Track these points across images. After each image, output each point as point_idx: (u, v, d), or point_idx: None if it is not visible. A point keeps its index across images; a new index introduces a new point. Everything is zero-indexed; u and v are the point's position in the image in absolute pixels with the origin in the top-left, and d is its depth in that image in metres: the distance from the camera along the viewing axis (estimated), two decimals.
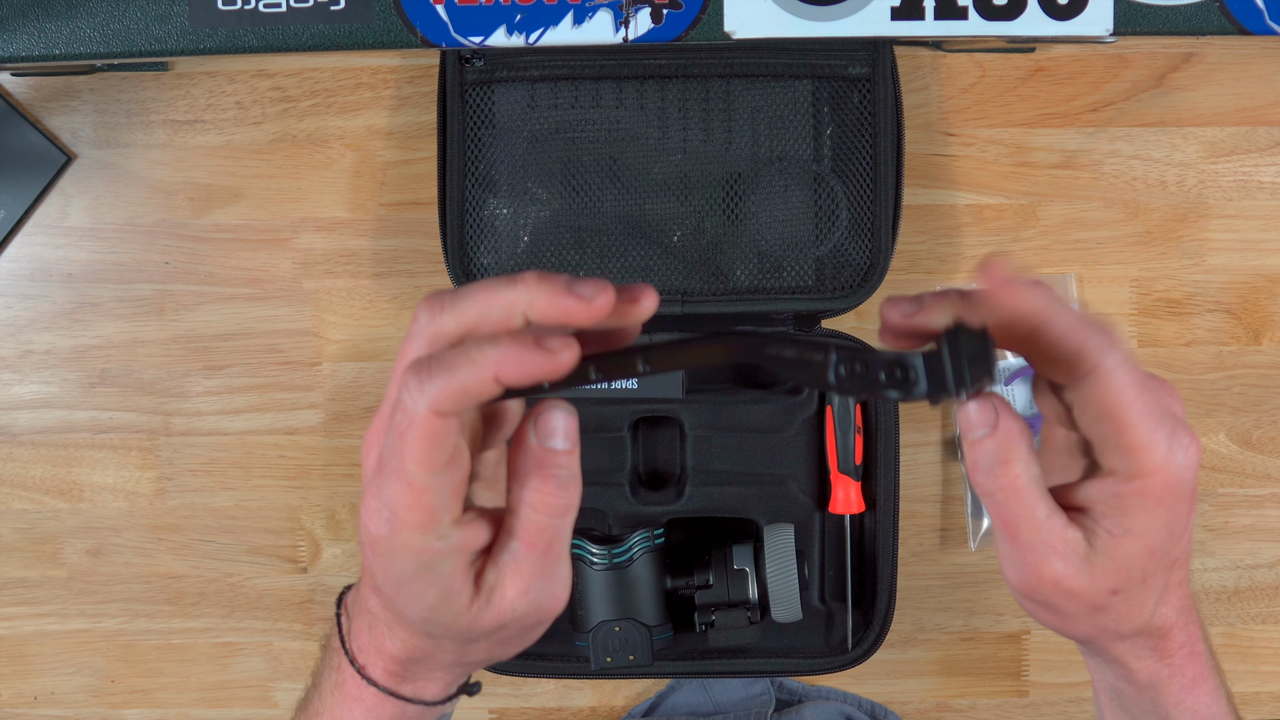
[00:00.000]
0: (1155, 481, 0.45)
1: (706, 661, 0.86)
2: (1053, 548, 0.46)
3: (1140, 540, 0.46)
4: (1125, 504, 0.46)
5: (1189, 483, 0.46)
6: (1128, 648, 0.51)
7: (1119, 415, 0.45)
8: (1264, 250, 0.90)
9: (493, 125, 0.84)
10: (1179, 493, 0.45)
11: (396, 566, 0.45)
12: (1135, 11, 0.76)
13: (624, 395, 0.84)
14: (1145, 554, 0.46)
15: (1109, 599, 0.47)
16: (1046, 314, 0.45)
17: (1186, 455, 0.45)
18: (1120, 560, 0.46)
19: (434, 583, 0.45)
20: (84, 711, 0.93)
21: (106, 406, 0.91)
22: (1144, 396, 0.45)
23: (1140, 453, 0.45)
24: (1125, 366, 0.45)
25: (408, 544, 0.44)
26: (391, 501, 0.43)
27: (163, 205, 0.90)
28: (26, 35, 0.76)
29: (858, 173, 0.84)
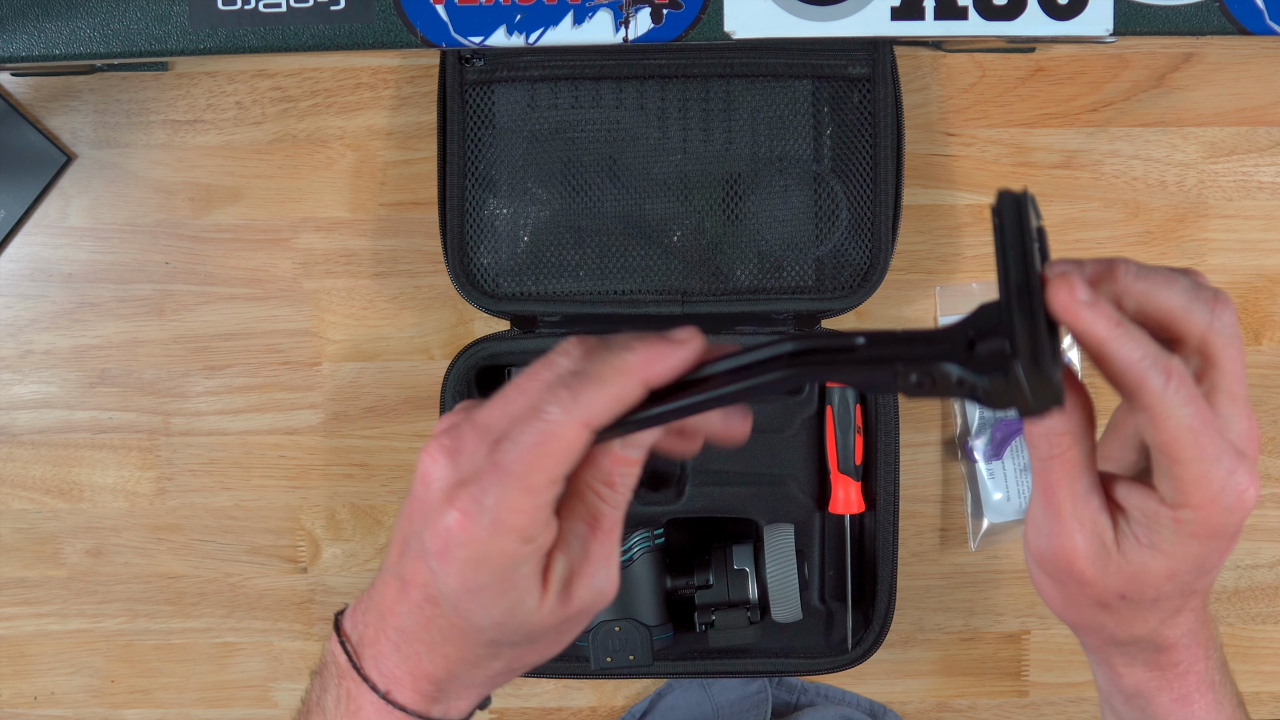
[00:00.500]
0: (1197, 517, 0.44)
1: (706, 661, 0.86)
2: (1080, 524, 0.46)
3: (1164, 562, 0.46)
4: (1160, 525, 0.45)
5: (1232, 526, 0.45)
6: (1120, 653, 0.51)
7: (1172, 451, 0.44)
8: (1264, 250, 0.90)
9: (493, 125, 0.84)
10: (1218, 534, 0.45)
11: (481, 573, 0.45)
12: (1135, 11, 0.76)
13: None
14: (1165, 576, 0.46)
15: (1116, 600, 0.47)
16: (1105, 347, 0.44)
17: (1238, 500, 0.44)
18: (1137, 570, 0.46)
19: (514, 586, 0.45)
20: (84, 711, 0.93)
21: (106, 406, 0.91)
22: (1204, 434, 0.44)
23: (1188, 488, 0.44)
24: (1184, 407, 0.43)
25: (502, 549, 0.44)
26: (501, 507, 0.44)
27: (163, 205, 0.90)
28: (26, 35, 0.76)
29: (858, 173, 0.84)
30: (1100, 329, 0.43)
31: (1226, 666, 0.53)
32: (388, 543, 0.92)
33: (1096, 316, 0.43)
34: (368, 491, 0.91)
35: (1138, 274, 0.45)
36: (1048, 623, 0.92)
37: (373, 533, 0.92)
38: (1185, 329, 0.45)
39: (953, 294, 0.89)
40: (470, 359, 0.84)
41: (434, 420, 0.86)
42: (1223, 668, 0.53)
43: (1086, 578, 0.46)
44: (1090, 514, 0.46)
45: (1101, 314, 0.43)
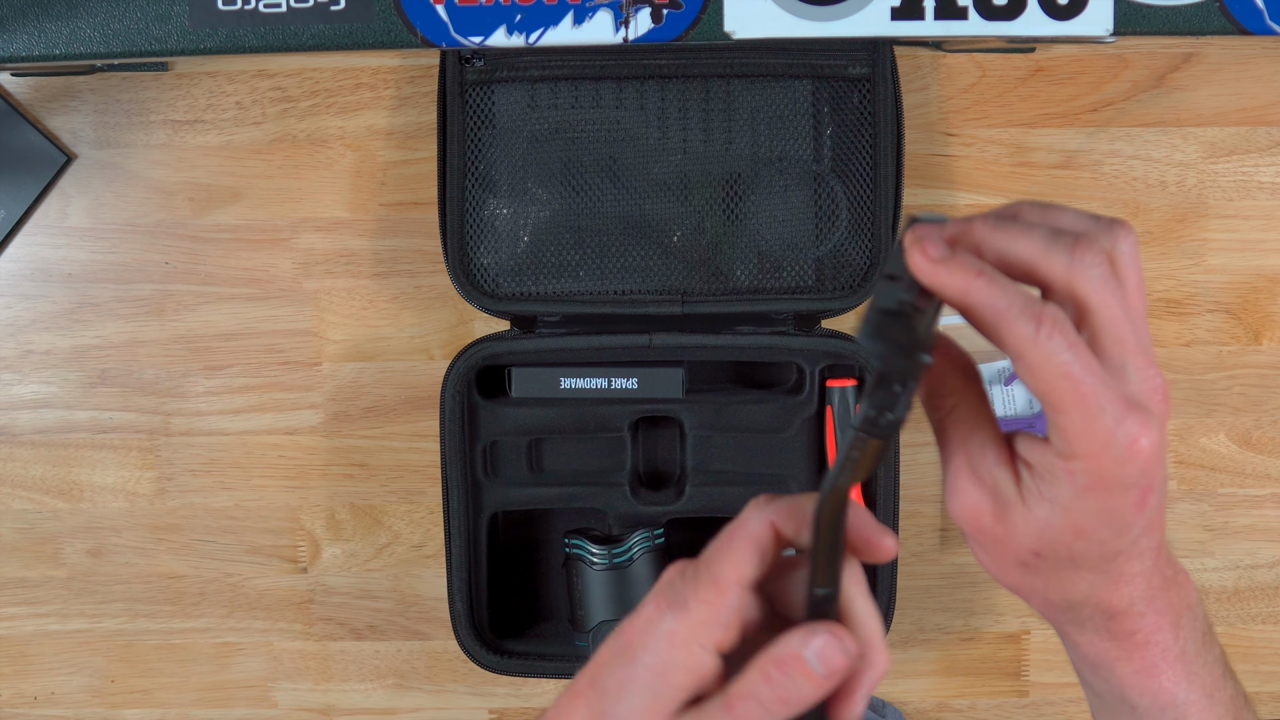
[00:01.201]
0: (1087, 468, 0.43)
1: None
2: (978, 480, 0.45)
3: (1067, 518, 0.44)
4: (1056, 478, 0.44)
5: (1129, 478, 0.43)
6: (1069, 620, 0.49)
7: (1052, 400, 0.42)
8: (1264, 250, 0.90)
9: (493, 125, 0.84)
10: (1115, 486, 0.43)
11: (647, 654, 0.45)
12: (1135, 11, 0.76)
13: (624, 395, 0.84)
14: (1072, 532, 0.44)
15: (1033, 559, 0.46)
16: (967, 299, 0.43)
17: (1128, 449, 0.43)
18: (1043, 526, 0.45)
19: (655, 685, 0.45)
20: (84, 711, 0.93)
21: (106, 406, 0.91)
22: (1085, 381, 0.42)
23: (1073, 439, 0.43)
24: (1060, 353, 0.42)
25: (673, 637, 0.44)
26: (689, 595, 0.45)
27: (163, 205, 0.90)
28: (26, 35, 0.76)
29: (858, 173, 0.84)
30: (956, 280, 0.43)
31: (1209, 638, 0.51)
32: (388, 542, 0.92)
33: (952, 269, 0.43)
34: (368, 491, 0.91)
35: (994, 225, 0.44)
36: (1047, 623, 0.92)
37: (373, 533, 0.92)
38: (1047, 276, 0.43)
39: None
40: (470, 359, 0.84)
41: (434, 420, 0.86)
42: (1202, 639, 0.51)
43: (996, 534, 0.45)
44: (987, 469, 0.45)
45: (958, 266, 0.43)
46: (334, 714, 0.93)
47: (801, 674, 0.44)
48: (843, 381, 0.85)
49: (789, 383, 0.87)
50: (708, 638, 0.45)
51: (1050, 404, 0.43)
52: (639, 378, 0.85)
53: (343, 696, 0.93)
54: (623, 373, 0.84)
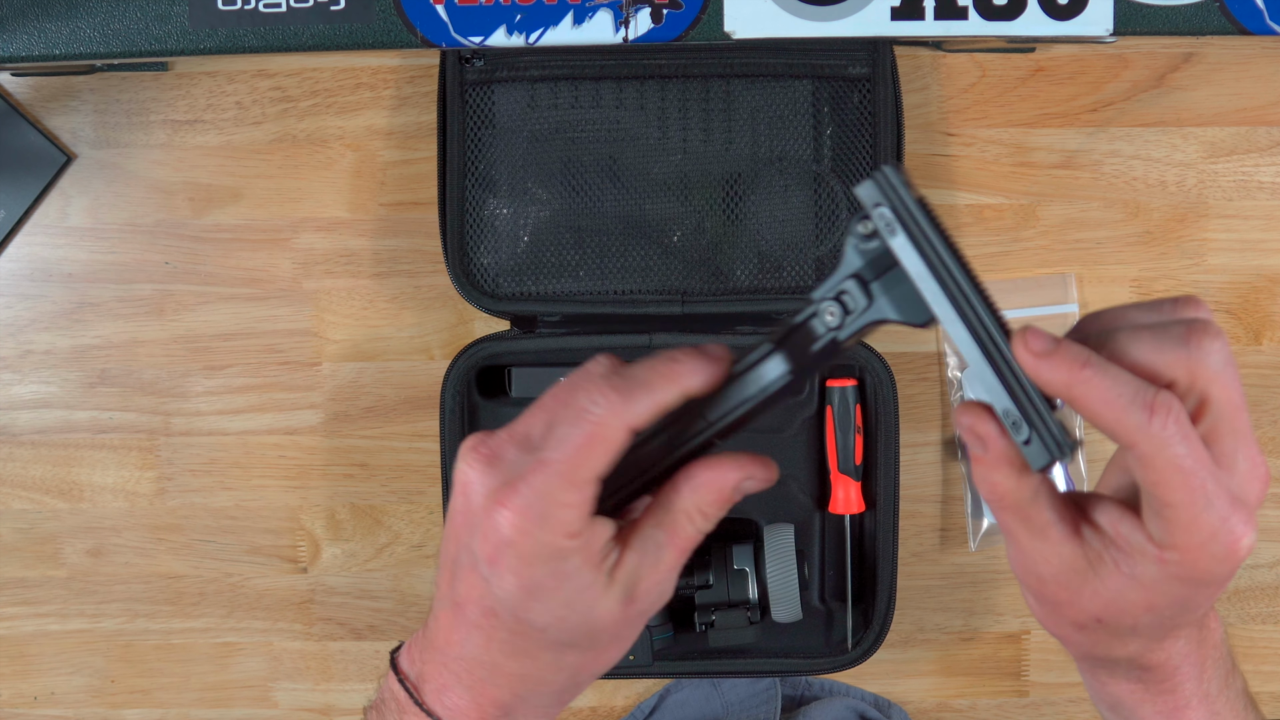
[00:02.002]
0: (1183, 560, 0.42)
1: (707, 661, 0.86)
2: (1045, 557, 0.45)
3: (1143, 595, 0.44)
4: (1143, 560, 0.43)
5: (1222, 575, 0.43)
6: (1102, 667, 0.50)
7: (1161, 493, 0.42)
8: (1264, 250, 0.90)
9: (493, 125, 0.84)
10: (1205, 581, 0.43)
11: (535, 568, 0.46)
12: (1135, 11, 0.76)
13: None
14: (1143, 608, 0.44)
15: (1092, 623, 0.46)
16: (1073, 391, 0.42)
17: (1229, 549, 0.42)
18: (1113, 598, 0.44)
19: (569, 578, 0.46)
20: (84, 711, 0.93)
21: (106, 406, 0.91)
22: (1196, 476, 0.41)
23: (1176, 532, 0.42)
24: (1173, 446, 0.41)
25: (552, 541, 0.46)
26: (549, 500, 0.45)
27: (163, 205, 0.90)
28: (26, 35, 0.76)
29: (858, 173, 0.84)
30: (1060, 374, 0.42)
31: (1231, 671, 0.51)
32: (388, 542, 0.92)
33: (1055, 364, 0.42)
34: (368, 491, 0.91)
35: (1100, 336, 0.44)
36: None
37: (373, 533, 0.92)
38: (1166, 371, 0.42)
39: None
40: (470, 359, 0.84)
41: (434, 420, 0.86)
42: (1225, 677, 0.51)
43: (1060, 599, 0.45)
44: (1052, 549, 0.44)
45: (1062, 359, 0.42)
46: (334, 714, 0.93)
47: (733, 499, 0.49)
48: (843, 381, 0.85)
49: None
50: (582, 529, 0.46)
51: (1158, 495, 0.42)
52: None
53: (343, 696, 0.93)
54: None
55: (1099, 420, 0.42)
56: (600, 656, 0.50)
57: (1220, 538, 0.42)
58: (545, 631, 0.48)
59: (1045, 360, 0.42)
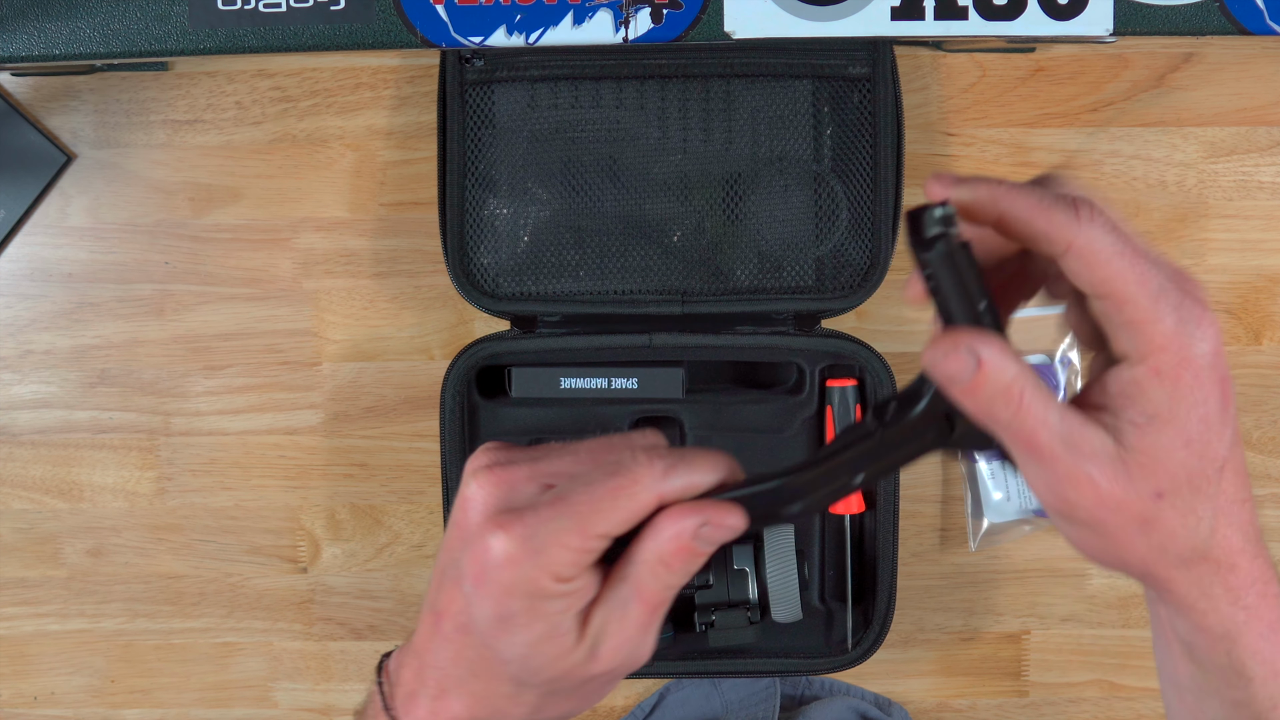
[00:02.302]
0: (1168, 358, 0.42)
1: (706, 661, 0.86)
2: (1079, 450, 0.43)
3: (1170, 427, 0.42)
4: (1143, 387, 0.42)
5: (1208, 358, 0.42)
6: (1194, 582, 0.46)
7: (1113, 288, 0.42)
8: (1264, 250, 0.90)
9: (493, 125, 0.84)
10: (1199, 370, 0.42)
11: (514, 599, 0.46)
12: (1135, 11, 0.76)
13: (624, 395, 0.84)
14: (1182, 445, 0.42)
15: (1155, 504, 0.43)
16: (1000, 205, 0.42)
17: (1200, 329, 0.42)
18: (1154, 453, 0.42)
19: (543, 618, 0.46)
20: (84, 711, 0.93)
21: (106, 406, 0.91)
22: (1139, 264, 0.41)
23: (1145, 326, 0.42)
24: (1106, 236, 0.41)
25: (539, 579, 0.45)
26: (551, 539, 0.45)
27: (163, 205, 0.90)
28: (26, 35, 0.76)
29: (858, 173, 0.84)
30: (981, 192, 0.42)
31: None
32: (388, 542, 0.92)
33: (974, 185, 0.42)
34: (368, 491, 0.91)
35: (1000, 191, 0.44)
36: (1047, 623, 0.92)
37: (373, 533, 0.92)
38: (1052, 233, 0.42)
39: None
40: (470, 359, 0.84)
41: (434, 420, 0.86)
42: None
43: (1115, 499, 0.43)
44: (1080, 436, 0.43)
45: (979, 181, 0.42)
46: (334, 714, 0.93)
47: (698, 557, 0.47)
48: (843, 381, 0.85)
49: (789, 383, 0.87)
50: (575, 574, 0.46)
51: (1110, 294, 0.42)
52: (639, 378, 0.85)
53: (343, 696, 0.93)
54: (623, 373, 0.84)
55: (1031, 228, 0.42)
56: (560, 704, 0.49)
57: (1187, 319, 0.42)
58: (508, 665, 0.47)
59: (962, 185, 0.43)
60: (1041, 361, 0.89)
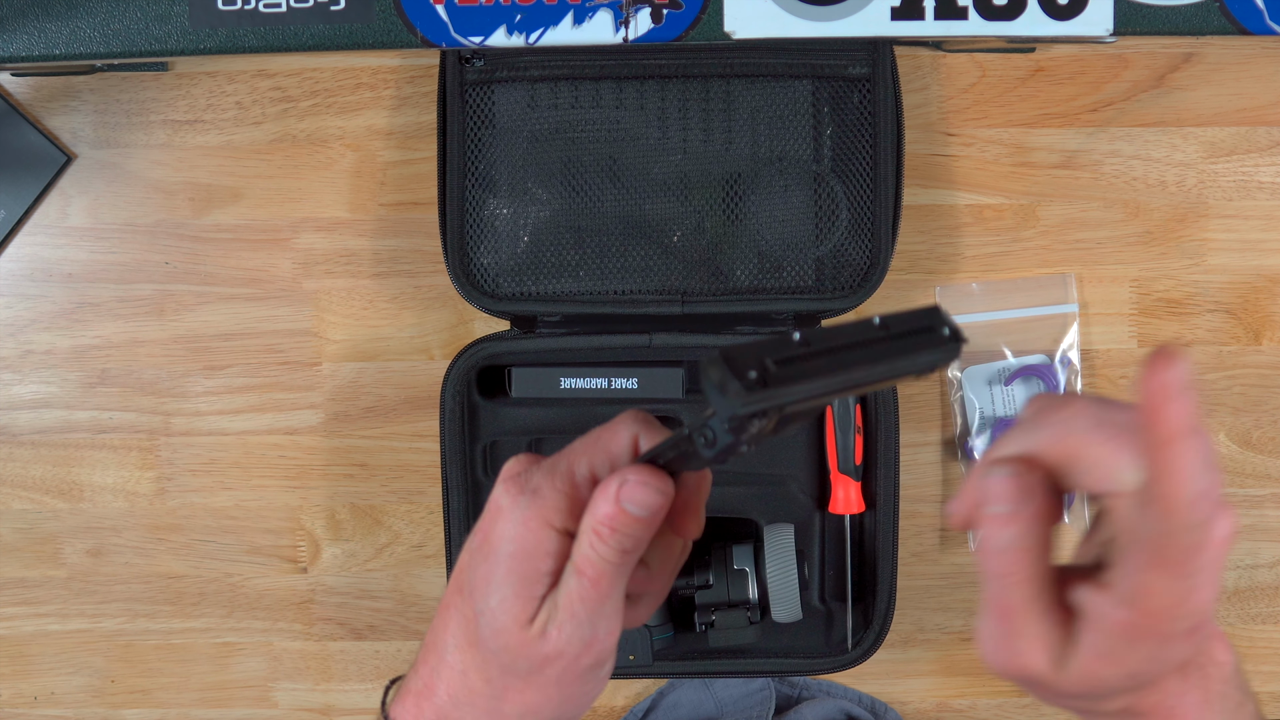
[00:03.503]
0: (1149, 625, 0.42)
1: (706, 661, 0.86)
2: (1034, 644, 0.44)
3: (1118, 667, 0.43)
4: (1112, 633, 0.43)
5: (1186, 628, 0.42)
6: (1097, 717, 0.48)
7: (1153, 553, 0.40)
8: (1264, 250, 0.90)
9: (493, 125, 0.84)
10: (1172, 636, 0.42)
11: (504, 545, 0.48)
12: (1135, 11, 0.76)
13: (624, 395, 0.84)
14: (1122, 677, 0.44)
15: (1074, 696, 0.45)
16: (1076, 449, 0.42)
17: (1192, 608, 0.41)
18: (1094, 675, 0.44)
19: (520, 573, 0.48)
20: (84, 711, 0.93)
21: (106, 406, 0.91)
22: (1195, 538, 0.40)
23: (1152, 596, 0.41)
24: (1193, 494, 0.39)
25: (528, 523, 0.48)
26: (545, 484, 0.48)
27: (163, 205, 0.90)
28: (26, 35, 0.76)
29: (858, 173, 0.84)
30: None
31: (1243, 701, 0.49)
32: (388, 542, 0.92)
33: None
34: (368, 491, 0.91)
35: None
36: None
37: (373, 533, 0.92)
38: None
39: (953, 294, 0.89)
40: (470, 359, 0.84)
41: (434, 420, 0.86)
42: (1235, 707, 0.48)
43: (1044, 681, 0.44)
44: (1044, 631, 0.43)
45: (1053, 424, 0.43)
46: (334, 714, 0.93)
47: (627, 523, 0.47)
48: None
49: None
50: (559, 521, 0.48)
51: (1155, 533, 0.40)
52: (639, 378, 0.85)
53: (343, 696, 0.93)
54: (623, 373, 0.85)
55: (1109, 464, 0.42)
56: (521, 691, 0.50)
57: (1188, 598, 0.41)
58: (480, 617, 0.49)
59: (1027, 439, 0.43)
60: (1041, 361, 0.89)
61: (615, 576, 0.48)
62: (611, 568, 0.48)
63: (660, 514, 0.48)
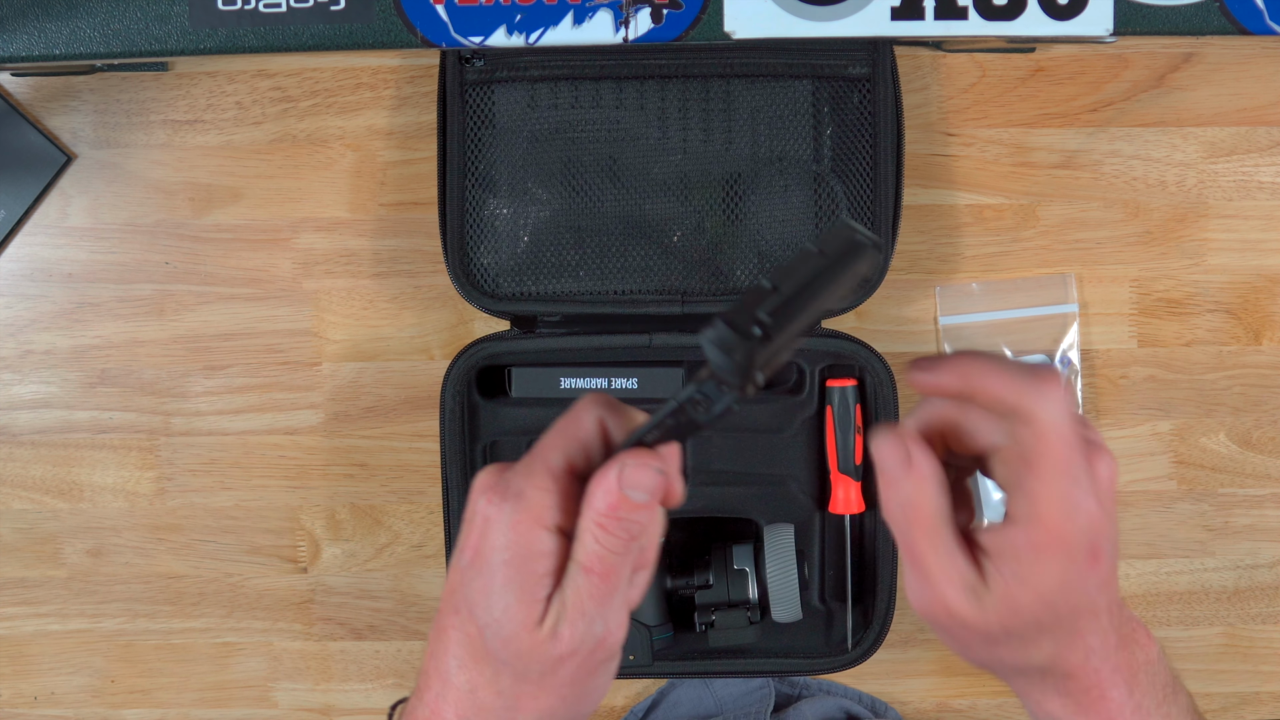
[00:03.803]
0: (1046, 535, 0.47)
1: (707, 661, 0.86)
2: (949, 578, 0.48)
3: (1030, 588, 0.47)
4: (1018, 554, 0.47)
5: (1084, 533, 0.47)
6: (1029, 684, 0.53)
7: (1038, 467, 0.47)
8: (1264, 250, 0.90)
9: (493, 125, 0.84)
10: (1071, 546, 0.47)
11: (498, 554, 0.47)
12: (1135, 11, 0.76)
13: (624, 395, 0.84)
14: (1037, 602, 0.48)
15: (1001, 634, 0.49)
16: (978, 381, 0.48)
17: (1085, 501, 0.47)
18: (1010, 603, 0.48)
19: (519, 578, 0.47)
20: (84, 711, 0.93)
21: (106, 406, 0.91)
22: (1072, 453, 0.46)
23: (1040, 504, 0.47)
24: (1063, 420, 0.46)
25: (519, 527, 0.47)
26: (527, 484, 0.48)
27: (163, 205, 0.90)
28: (26, 35, 0.76)
29: (858, 173, 0.84)
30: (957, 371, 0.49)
31: (1171, 691, 0.53)
32: (388, 542, 0.92)
33: (950, 364, 0.49)
34: (368, 491, 0.91)
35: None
36: None
37: (373, 533, 0.92)
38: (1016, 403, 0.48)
39: (953, 294, 0.89)
40: (470, 359, 0.84)
41: (434, 420, 0.86)
42: (1163, 693, 0.53)
43: (968, 621, 0.49)
44: (956, 567, 0.48)
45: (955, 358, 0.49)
46: (334, 714, 0.93)
47: (631, 510, 0.47)
48: (843, 381, 0.85)
49: (789, 382, 0.87)
50: (550, 520, 0.47)
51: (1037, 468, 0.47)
52: (639, 378, 0.85)
53: (343, 696, 0.93)
54: (623, 373, 0.85)
55: (999, 394, 0.47)
56: (534, 696, 0.50)
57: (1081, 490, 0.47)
58: (484, 633, 0.48)
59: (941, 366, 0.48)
60: (1041, 361, 0.89)
61: (622, 567, 0.48)
62: (618, 559, 0.48)
63: (661, 494, 0.48)
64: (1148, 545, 0.91)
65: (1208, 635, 0.92)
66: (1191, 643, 0.92)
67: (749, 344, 0.45)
